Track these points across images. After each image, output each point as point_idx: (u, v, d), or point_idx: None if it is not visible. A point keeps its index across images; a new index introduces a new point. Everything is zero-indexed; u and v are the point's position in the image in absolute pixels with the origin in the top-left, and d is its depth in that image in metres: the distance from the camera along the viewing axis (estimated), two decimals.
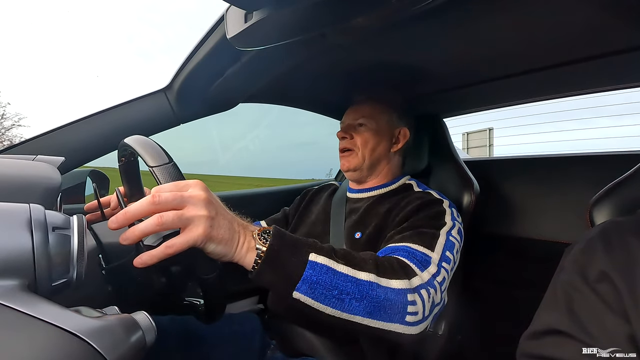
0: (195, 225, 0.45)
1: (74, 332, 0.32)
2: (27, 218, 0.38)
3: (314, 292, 0.53)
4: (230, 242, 0.49)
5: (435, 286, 0.64)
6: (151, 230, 0.43)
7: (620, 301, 0.36)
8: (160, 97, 0.94)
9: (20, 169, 0.65)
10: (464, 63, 0.91)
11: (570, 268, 0.43)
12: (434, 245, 0.70)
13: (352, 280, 0.55)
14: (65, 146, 0.83)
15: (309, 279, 0.52)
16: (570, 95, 1.08)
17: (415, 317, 0.59)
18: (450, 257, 0.71)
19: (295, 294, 0.53)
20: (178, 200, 0.45)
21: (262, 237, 0.52)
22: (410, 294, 0.59)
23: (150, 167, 0.50)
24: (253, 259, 0.51)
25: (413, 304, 0.59)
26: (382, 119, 0.94)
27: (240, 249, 0.50)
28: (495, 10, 0.65)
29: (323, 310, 0.54)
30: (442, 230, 0.74)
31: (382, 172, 0.96)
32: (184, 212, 0.45)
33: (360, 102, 0.98)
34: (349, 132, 0.94)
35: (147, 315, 0.42)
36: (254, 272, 0.51)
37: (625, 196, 0.61)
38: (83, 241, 0.43)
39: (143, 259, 0.45)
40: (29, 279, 0.37)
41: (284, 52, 0.75)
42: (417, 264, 0.65)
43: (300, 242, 0.56)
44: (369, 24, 0.57)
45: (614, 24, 0.67)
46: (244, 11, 0.56)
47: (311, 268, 0.53)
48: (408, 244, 0.70)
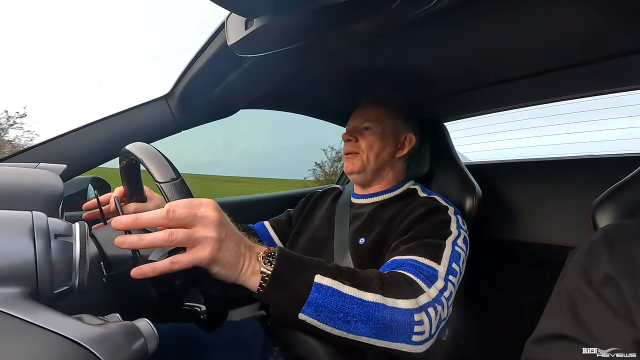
0: (203, 246, 0.45)
1: (76, 339, 0.32)
2: (29, 225, 0.38)
3: (320, 314, 0.53)
4: (235, 265, 0.49)
5: (442, 302, 0.64)
6: (159, 244, 0.43)
7: (625, 305, 0.36)
8: (161, 103, 0.94)
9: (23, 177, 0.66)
10: (465, 67, 0.91)
11: (573, 272, 0.43)
12: (440, 257, 0.69)
13: (358, 302, 0.55)
14: (67, 153, 0.83)
15: (314, 301, 0.52)
16: (572, 98, 1.09)
17: (422, 336, 0.58)
18: (457, 269, 0.70)
19: (301, 315, 0.53)
20: (190, 219, 0.45)
21: (266, 259, 0.52)
22: (417, 314, 0.58)
23: (159, 183, 0.50)
24: (258, 282, 0.51)
25: (420, 324, 0.58)
26: (387, 123, 0.94)
27: (244, 272, 0.50)
28: (495, 15, 0.65)
29: (329, 332, 0.54)
30: (448, 240, 0.73)
31: (386, 177, 0.96)
32: (194, 231, 0.45)
33: (365, 106, 0.98)
34: (354, 135, 0.94)
35: (149, 322, 0.41)
36: (259, 294, 0.51)
37: (628, 199, 0.60)
38: (85, 248, 0.43)
39: (144, 270, 0.44)
40: (31, 286, 0.37)
41: (284, 58, 0.75)
42: (424, 279, 0.64)
43: (305, 262, 0.55)
44: (370, 29, 0.57)
45: (615, 27, 0.67)
46: (245, 18, 0.57)
47: (317, 290, 0.53)
48: (414, 257, 0.68)
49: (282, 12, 0.52)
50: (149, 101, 0.94)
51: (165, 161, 0.53)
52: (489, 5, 0.62)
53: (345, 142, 0.95)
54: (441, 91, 1.09)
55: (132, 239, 0.43)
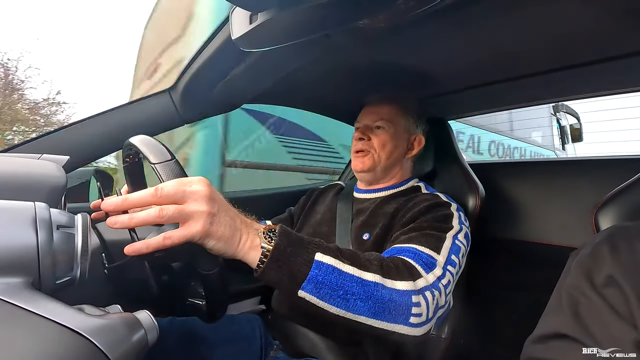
0: (194, 220, 0.45)
1: (77, 329, 0.32)
2: (32, 216, 0.39)
3: (319, 291, 0.53)
4: (231, 239, 0.49)
5: (440, 289, 0.64)
6: (150, 221, 0.43)
7: (628, 306, 0.36)
8: (164, 97, 0.94)
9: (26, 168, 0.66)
10: (470, 65, 0.91)
11: (576, 272, 0.43)
12: (440, 247, 0.70)
13: (357, 280, 0.56)
14: (70, 145, 0.84)
15: (314, 278, 0.53)
16: (576, 98, 1.08)
17: (419, 318, 0.59)
18: (456, 261, 0.71)
19: (301, 292, 0.53)
20: (180, 195, 0.45)
21: (267, 235, 0.52)
22: (414, 296, 0.59)
23: (152, 164, 0.50)
24: (258, 257, 0.51)
25: (417, 305, 0.59)
26: (400, 123, 0.93)
27: (242, 246, 0.50)
28: (500, 13, 0.65)
29: (328, 309, 0.55)
30: (449, 233, 0.74)
31: (395, 176, 0.96)
32: (185, 207, 0.45)
33: (378, 103, 0.96)
34: (367, 133, 0.93)
35: (150, 314, 0.42)
36: (259, 270, 0.51)
37: (631, 201, 0.60)
38: (87, 240, 0.43)
39: (136, 247, 0.44)
40: (33, 276, 0.37)
41: (288, 54, 0.75)
42: (423, 265, 0.65)
43: (306, 241, 0.56)
44: (374, 25, 0.57)
45: (620, 27, 0.66)
46: (249, 12, 0.57)
47: (317, 268, 0.53)
48: (414, 245, 0.69)
49: (286, 7, 0.52)
50: (153, 94, 0.94)
51: (159, 144, 0.53)
52: (494, 4, 0.62)
53: (357, 140, 0.94)
54: (445, 89, 1.09)
55: (122, 218, 0.44)
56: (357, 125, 0.98)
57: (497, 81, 0.99)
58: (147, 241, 0.44)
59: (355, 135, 0.95)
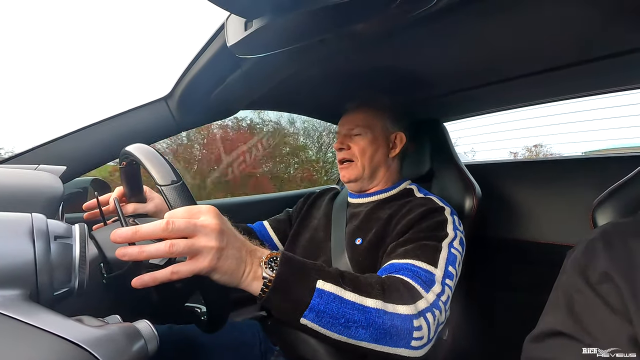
0: (203, 256, 0.46)
1: (76, 341, 0.32)
2: (29, 227, 0.38)
3: (321, 320, 0.54)
4: (236, 272, 0.50)
5: (440, 307, 0.64)
6: (160, 255, 0.44)
7: (622, 302, 0.36)
8: (161, 105, 0.94)
9: (22, 179, 0.66)
10: (464, 67, 0.91)
11: (571, 270, 0.43)
12: (437, 260, 0.70)
13: (359, 308, 0.56)
14: (66, 155, 0.83)
15: (316, 307, 0.53)
16: (570, 98, 1.09)
17: (421, 341, 0.59)
18: (453, 272, 0.71)
19: (303, 320, 0.53)
20: (191, 229, 0.45)
21: (269, 264, 0.52)
22: (416, 320, 0.59)
23: (160, 186, 0.50)
24: (259, 288, 0.51)
25: (419, 329, 0.59)
26: (376, 125, 0.94)
27: (245, 277, 0.51)
28: (494, 15, 0.65)
29: (330, 336, 0.55)
30: (444, 242, 0.74)
31: (382, 178, 0.96)
32: (195, 241, 0.45)
33: (352, 111, 0.98)
34: (346, 142, 0.94)
35: (149, 323, 0.42)
36: (261, 299, 0.52)
37: (628, 198, 0.61)
38: (85, 250, 0.43)
39: (144, 279, 0.45)
40: (31, 288, 0.37)
41: (284, 59, 0.75)
42: (422, 284, 0.65)
43: (307, 267, 0.56)
44: (369, 30, 0.57)
45: (614, 26, 0.67)
46: (244, 19, 0.57)
47: (318, 296, 0.53)
48: (411, 260, 0.69)
49: (281, 13, 0.52)
50: (149, 102, 0.94)
51: (166, 164, 0.53)
52: (488, 6, 0.62)
53: (338, 151, 0.95)
54: (440, 91, 1.09)
55: (132, 251, 0.44)
56: (337, 134, 0.99)
57: (492, 83, 0.99)
58: (154, 275, 0.45)
59: (335, 145, 0.96)
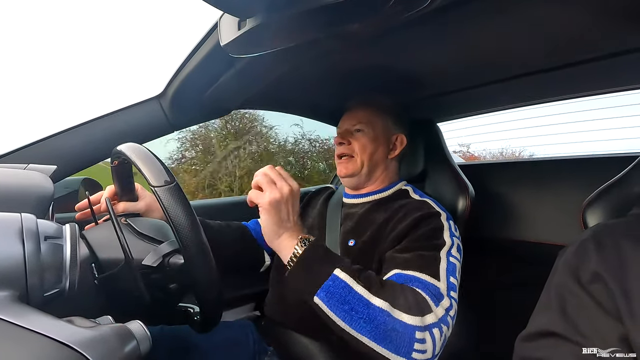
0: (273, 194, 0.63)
1: (67, 343, 0.31)
2: (18, 228, 0.38)
3: (329, 300, 0.60)
4: (280, 225, 0.64)
5: (448, 322, 0.64)
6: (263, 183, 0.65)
7: (613, 302, 0.36)
8: (153, 104, 0.93)
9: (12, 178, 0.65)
10: (458, 68, 0.92)
11: (563, 270, 0.44)
12: (438, 272, 0.69)
13: (364, 301, 0.60)
14: (57, 154, 0.82)
15: (327, 288, 0.61)
16: (563, 99, 1.10)
17: (423, 355, 0.59)
18: (455, 283, 0.71)
19: (316, 298, 0.61)
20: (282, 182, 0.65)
21: (303, 242, 0.64)
22: (419, 332, 0.59)
23: (153, 187, 0.50)
24: (289, 256, 0.64)
25: (422, 342, 0.59)
26: (378, 124, 0.94)
27: (283, 239, 0.65)
28: (488, 15, 0.66)
29: (335, 321, 0.60)
30: (442, 251, 0.73)
31: (378, 178, 0.95)
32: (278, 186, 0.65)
33: (355, 108, 0.98)
34: (346, 137, 0.94)
35: (141, 324, 0.41)
36: (287, 270, 0.64)
37: (617, 198, 0.61)
38: (76, 250, 0.42)
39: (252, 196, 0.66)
40: (20, 289, 0.36)
41: (278, 59, 0.75)
42: (432, 296, 0.65)
43: (331, 256, 0.66)
44: (363, 30, 0.57)
45: (607, 27, 0.68)
46: (238, 18, 0.57)
47: (332, 280, 0.61)
48: (416, 273, 0.68)
49: (275, 12, 0.52)
50: (141, 101, 0.93)
51: (159, 164, 0.52)
52: (482, 6, 0.63)
53: (338, 145, 0.95)
54: (434, 92, 1.10)
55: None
56: (338, 130, 0.99)
57: (486, 83, 1.00)
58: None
59: (336, 139, 0.96)
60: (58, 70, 4.40)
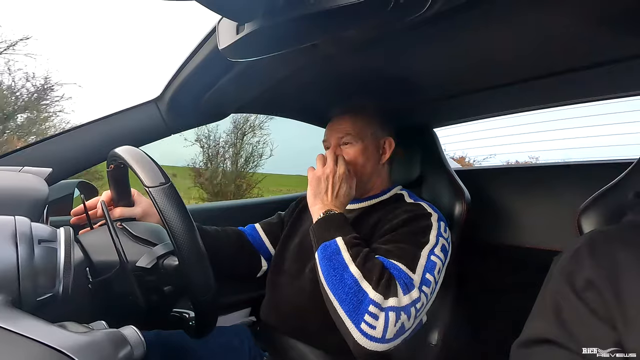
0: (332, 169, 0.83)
1: (59, 348, 0.31)
2: (12, 231, 0.38)
3: (321, 255, 0.73)
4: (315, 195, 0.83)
5: (410, 313, 0.65)
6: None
7: (607, 308, 0.37)
8: (151, 107, 0.93)
9: (6, 181, 0.64)
10: (455, 73, 0.92)
11: (558, 277, 0.44)
12: (415, 266, 0.71)
13: (343, 265, 0.69)
14: (53, 157, 0.82)
15: (324, 247, 0.74)
16: (560, 105, 1.11)
17: (372, 330, 0.61)
18: (431, 280, 0.71)
19: (319, 250, 0.74)
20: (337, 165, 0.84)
21: (327, 213, 0.79)
22: (374, 307, 0.63)
23: (147, 188, 0.49)
24: (316, 219, 0.80)
25: (374, 317, 0.62)
26: (367, 133, 0.92)
27: (315, 210, 0.81)
28: (485, 22, 0.66)
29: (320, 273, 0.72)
30: (424, 249, 0.74)
31: (373, 185, 0.95)
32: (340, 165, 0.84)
33: (340, 118, 0.95)
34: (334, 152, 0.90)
35: (136, 329, 0.41)
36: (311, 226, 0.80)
37: (612, 204, 0.62)
38: (70, 254, 0.42)
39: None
40: (13, 294, 0.36)
41: (275, 63, 0.75)
42: (403, 286, 0.67)
43: (341, 227, 0.76)
44: (361, 35, 0.58)
45: (603, 34, 0.69)
46: (236, 23, 0.57)
47: (330, 243, 0.73)
48: (394, 261, 0.70)
49: (273, 17, 0.52)
50: (139, 104, 0.93)
51: (154, 165, 0.52)
52: (479, 13, 0.63)
53: None
54: (430, 97, 1.10)
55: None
56: (325, 144, 0.96)
57: (482, 89, 1.00)
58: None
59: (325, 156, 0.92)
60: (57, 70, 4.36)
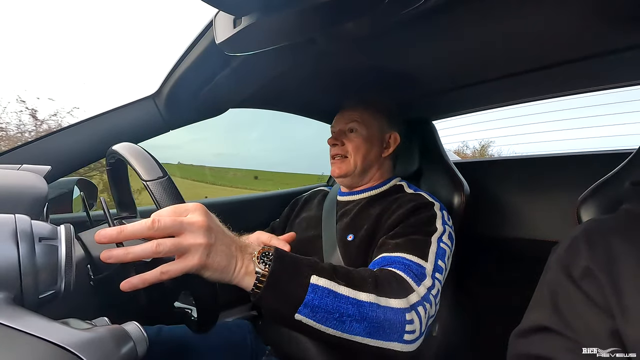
0: (191, 254, 0.45)
1: (63, 345, 0.31)
2: (12, 229, 0.38)
3: (316, 315, 0.53)
4: (227, 268, 0.49)
5: (430, 300, 0.65)
6: (147, 256, 0.42)
7: (604, 297, 0.37)
8: (148, 103, 0.93)
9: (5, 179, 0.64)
10: (453, 66, 0.92)
11: (555, 266, 0.44)
12: (427, 254, 0.71)
13: (352, 302, 0.55)
14: (51, 155, 0.81)
15: (310, 302, 0.52)
16: (559, 96, 1.11)
17: (413, 335, 0.59)
18: (442, 266, 0.72)
19: (297, 316, 0.52)
20: (177, 227, 0.44)
21: (262, 260, 0.52)
22: (408, 313, 0.59)
23: (145, 182, 0.49)
24: (252, 283, 0.50)
25: (411, 322, 0.59)
26: (373, 124, 0.94)
27: (237, 273, 0.50)
28: (483, 14, 0.66)
29: (324, 331, 0.54)
30: (434, 237, 0.74)
31: (373, 176, 0.96)
32: (182, 240, 0.44)
33: (350, 107, 0.98)
34: (340, 138, 0.94)
35: (138, 325, 0.41)
36: (255, 296, 0.51)
37: (611, 194, 0.62)
38: (71, 251, 0.42)
39: (133, 282, 0.43)
40: (15, 291, 0.36)
41: (273, 57, 0.75)
42: (414, 277, 0.65)
43: (301, 263, 0.56)
44: (358, 29, 0.57)
45: (599, 26, 0.69)
46: (233, 16, 0.56)
47: (313, 292, 0.53)
48: (403, 254, 0.70)
49: (270, 10, 0.51)
50: (136, 101, 0.92)
51: (151, 159, 0.52)
52: (476, 6, 0.63)
53: (331, 146, 0.96)
54: (429, 90, 1.10)
55: (118, 252, 0.42)
56: (332, 129, 0.99)
57: (480, 82, 1.00)
58: (143, 276, 0.44)
59: (329, 140, 0.96)
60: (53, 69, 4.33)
